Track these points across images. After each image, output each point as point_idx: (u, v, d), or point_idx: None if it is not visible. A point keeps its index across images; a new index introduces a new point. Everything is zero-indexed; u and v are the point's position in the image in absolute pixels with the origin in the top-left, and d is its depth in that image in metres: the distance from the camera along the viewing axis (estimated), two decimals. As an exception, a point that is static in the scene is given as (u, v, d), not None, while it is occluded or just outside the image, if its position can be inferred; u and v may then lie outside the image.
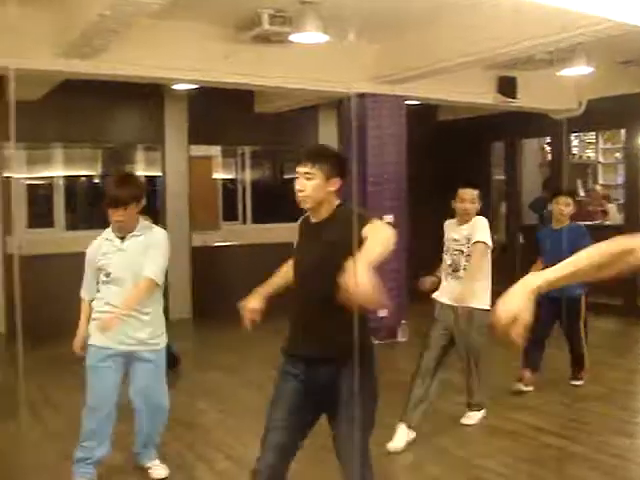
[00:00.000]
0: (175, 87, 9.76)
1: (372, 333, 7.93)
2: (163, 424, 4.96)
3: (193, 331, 10.27)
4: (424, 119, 11.52)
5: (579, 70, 8.66)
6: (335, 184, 3.44)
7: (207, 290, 10.49)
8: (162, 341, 4.80)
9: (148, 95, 9.93)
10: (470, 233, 5.52)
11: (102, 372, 4.60)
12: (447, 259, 5.66)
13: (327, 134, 12.18)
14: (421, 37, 7.98)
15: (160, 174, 11.02)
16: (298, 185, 3.45)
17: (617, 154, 13.08)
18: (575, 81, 9.90)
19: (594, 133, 12.95)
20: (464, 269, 5.48)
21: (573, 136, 12.32)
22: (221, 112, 10.54)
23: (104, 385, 4.62)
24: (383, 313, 8.66)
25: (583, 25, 6.30)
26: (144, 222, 4.72)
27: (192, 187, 11.07)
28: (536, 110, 10.88)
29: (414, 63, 8.23)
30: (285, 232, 8.72)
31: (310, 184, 3.43)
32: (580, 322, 6.82)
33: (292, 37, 7.10)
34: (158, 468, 4.94)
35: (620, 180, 12.69)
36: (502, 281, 5.16)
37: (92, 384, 4.63)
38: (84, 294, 4.89)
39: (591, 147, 13.40)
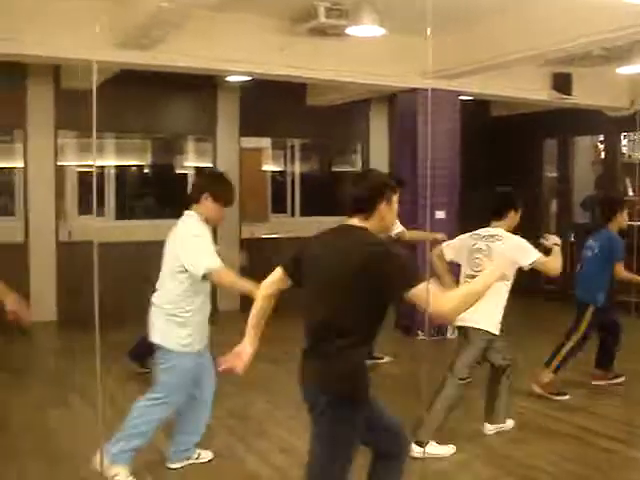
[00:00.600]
0: (228, 79, 9.80)
1: (421, 328, 7.91)
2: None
3: (239, 322, 10.28)
4: (477, 115, 11.42)
5: (636, 68, 8.51)
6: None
7: (254, 282, 10.50)
8: None
9: (201, 86, 10.01)
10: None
11: (194, 372, 4.68)
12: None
13: (378, 128, 12.16)
14: (476, 32, 7.91)
15: (211, 165, 11.07)
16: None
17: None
18: (632, 79, 9.75)
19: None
20: None
21: (622, 135, 12.12)
22: (272, 104, 10.56)
23: (188, 384, 4.69)
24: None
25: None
26: None
27: (242, 179, 11.11)
28: (591, 107, 10.74)
29: (469, 58, 8.17)
30: (333, 225, 8.73)
31: None
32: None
33: (348, 30, 7.08)
34: (204, 453, 5.04)
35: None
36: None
37: (181, 383, 4.64)
38: None
39: (645, 146, 13.15)
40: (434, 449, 5.10)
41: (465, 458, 5.17)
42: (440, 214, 8.94)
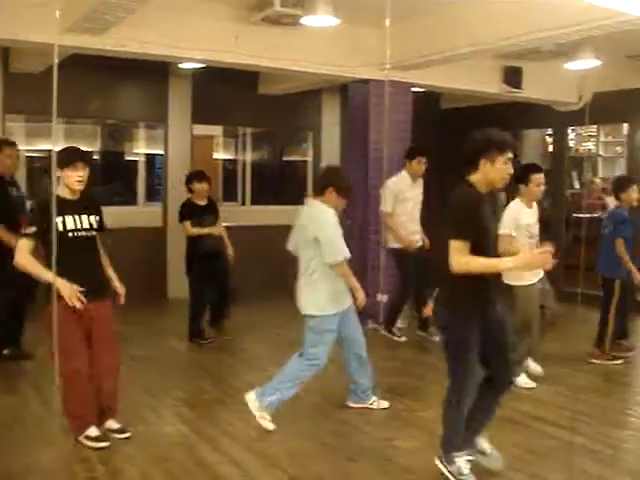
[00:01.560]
0: (181, 66, 9.73)
1: (371, 317, 8.01)
2: None
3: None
4: (427, 107, 11.50)
5: (586, 63, 8.66)
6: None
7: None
8: None
9: (153, 73, 9.93)
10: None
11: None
12: (526, 243, 6.25)
13: (330, 118, 12.18)
14: (430, 25, 7.97)
15: (162, 152, 11.00)
16: (510, 169, 4.32)
17: (618, 148, 13.09)
18: (581, 74, 9.92)
19: (595, 126, 12.95)
20: None
21: (570, 129, 12.34)
22: (225, 92, 10.53)
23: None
24: (382, 298, 8.69)
25: (594, 19, 6.31)
26: None
27: (193, 166, 11.04)
28: (540, 101, 10.90)
29: (422, 50, 8.24)
30: (283, 214, 8.73)
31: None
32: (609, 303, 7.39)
33: (303, 20, 7.09)
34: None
35: (618, 173, 12.71)
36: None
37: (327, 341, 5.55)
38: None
39: (592, 140, 13.39)
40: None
41: (418, 445, 5.24)
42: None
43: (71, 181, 4.88)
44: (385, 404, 5.99)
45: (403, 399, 6.29)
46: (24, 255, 4.79)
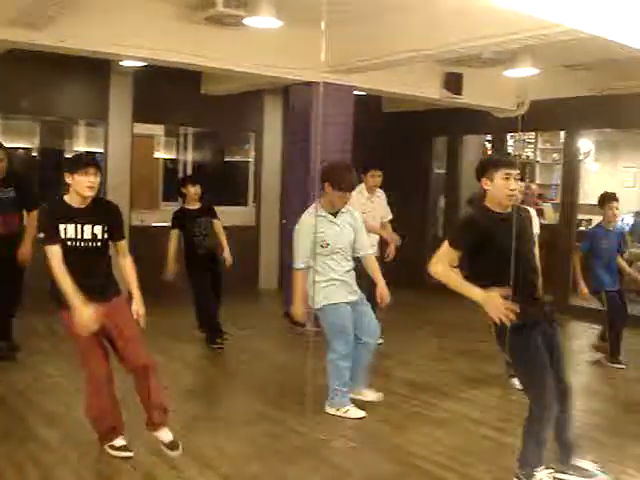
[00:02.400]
0: (122, 63, 9.63)
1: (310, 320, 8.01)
2: None
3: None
4: (369, 110, 11.58)
5: (525, 71, 8.81)
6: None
7: (144, 270, 10.37)
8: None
9: (94, 70, 9.80)
10: None
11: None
12: None
13: (271, 119, 12.19)
14: (373, 29, 8.01)
15: (102, 151, 10.87)
16: (514, 185, 4.39)
17: (555, 155, 13.36)
18: (519, 81, 10.09)
19: (533, 133, 13.19)
20: None
21: (509, 135, 12.54)
22: (166, 91, 10.44)
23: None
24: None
25: (533, 28, 6.42)
26: None
27: (133, 166, 10.96)
28: (480, 108, 11.05)
29: (364, 54, 8.27)
30: (224, 215, 8.71)
31: (517, 185, 4.48)
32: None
33: (245, 21, 7.07)
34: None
35: (554, 180, 13.00)
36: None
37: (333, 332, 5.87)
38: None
39: (530, 147, 13.65)
40: None
41: (353, 446, 5.28)
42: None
43: (82, 187, 4.65)
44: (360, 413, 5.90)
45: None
46: (59, 265, 4.59)
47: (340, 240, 5.84)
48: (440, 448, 5.28)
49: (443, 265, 4.34)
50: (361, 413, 5.82)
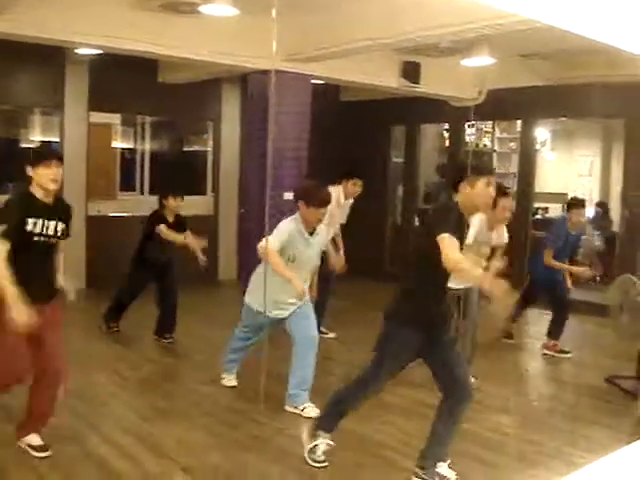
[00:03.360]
0: (77, 51, 9.51)
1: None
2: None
3: (85, 301, 10.09)
4: (327, 99, 11.57)
5: (481, 60, 8.86)
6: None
7: (101, 260, 10.32)
8: None
9: (48, 57, 9.65)
10: None
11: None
12: None
13: (229, 108, 12.13)
14: (330, 17, 8.01)
15: (57, 140, 10.74)
16: (493, 192, 4.46)
17: (512, 144, 13.47)
18: (477, 71, 10.14)
19: (491, 122, 13.29)
20: None
21: (469, 125, 12.61)
22: (123, 79, 10.31)
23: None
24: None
25: (489, 17, 6.46)
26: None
27: (90, 155, 10.84)
28: (437, 97, 11.09)
29: (321, 42, 8.27)
30: (183, 204, 8.65)
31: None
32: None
33: (201, 8, 7.02)
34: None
35: (512, 169, 13.11)
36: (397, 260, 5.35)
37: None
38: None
39: (487, 136, 13.75)
40: None
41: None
42: (288, 195, 9.04)
43: (45, 180, 4.51)
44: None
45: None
46: (3, 260, 4.36)
47: (308, 262, 5.86)
48: (398, 434, 5.33)
49: (463, 259, 4.16)
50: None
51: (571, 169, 14.05)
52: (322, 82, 10.08)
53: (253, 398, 5.93)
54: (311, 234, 5.81)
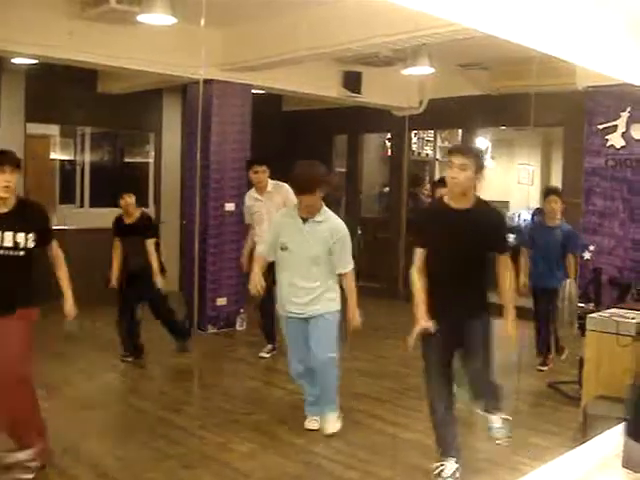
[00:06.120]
0: (13, 61, 9.31)
1: (211, 322, 8.03)
2: None
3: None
4: (269, 109, 11.54)
5: (421, 70, 8.89)
6: (480, 178, 4.29)
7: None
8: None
9: (-19, 67, 9.46)
10: None
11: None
12: None
13: (171, 118, 12.02)
14: (269, 26, 7.98)
15: (-6, 151, 10.50)
16: (453, 173, 4.20)
17: (453, 153, 13.55)
18: (417, 80, 10.22)
19: (432, 131, 13.37)
20: None
21: (413, 133, 12.68)
22: (62, 90, 10.15)
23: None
24: (222, 302, 8.74)
25: (427, 27, 6.48)
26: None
27: (27, 167, 10.62)
28: (379, 106, 11.14)
29: (261, 52, 8.24)
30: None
31: (464, 174, 4.20)
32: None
33: (139, 17, 6.92)
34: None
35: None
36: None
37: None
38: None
39: (429, 145, 13.82)
40: None
41: (253, 447, 5.23)
42: (230, 206, 9.02)
43: None
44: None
45: (235, 401, 6.29)
46: None
47: (306, 252, 5.35)
48: (341, 446, 5.28)
49: (416, 271, 4.47)
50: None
51: (512, 177, 14.19)
52: (263, 92, 10.04)
53: (194, 412, 5.87)
54: (304, 220, 5.38)
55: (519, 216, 12.70)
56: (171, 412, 6.01)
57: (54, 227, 7.45)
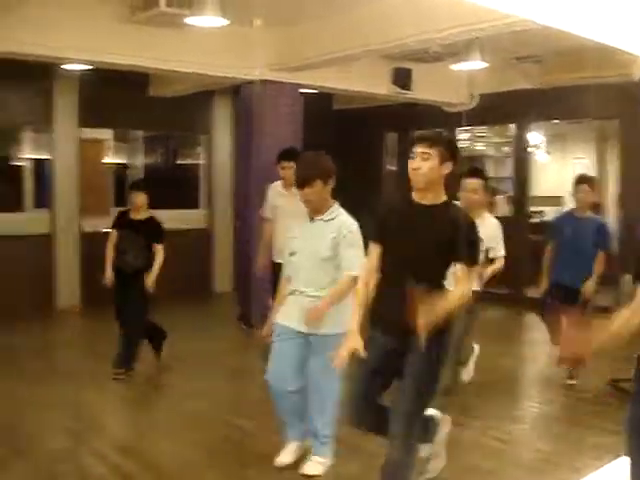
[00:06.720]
0: (66, 67, 9.44)
1: (264, 321, 7.90)
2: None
3: (81, 320, 10.03)
4: (319, 108, 11.52)
5: (473, 65, 8.81)
6: (447, 168, 3.64)
7: (96, 277, 10.22)
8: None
9: (37, 75, 9.58)
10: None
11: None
12: None
13: (222, 120, 12.07)
14: (320, 26, 7.98)
15: (49, 157, 10.67)
16: (415, 164, 3.63)
17: (505, 148, 13.42)
18: (468, 75, 10.11)
19: (484, 127, 13.24)
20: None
21: (462, 130, 12.57)
22: (114, 94, 10.25)
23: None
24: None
25: (481, 20, 6.39)
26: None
27: (82, 171, 10.76)
28: (429, 102, 11.05)
29: (312, 51, 8.24)
30: (177, 218, 8.58)
31: (427, 164, 3.61)
32: None
33: (189, 20, 6.95)
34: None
35: (507, 173, 13.06)
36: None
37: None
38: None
39: (481, 140, 13.70)
40: None
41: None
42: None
43: None
44: None
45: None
46: None
47: (311, 257, 4.55)
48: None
49: (364, 276, 3.88)
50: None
51: (566, 171, 14.00)
52: (314, 91, 10.04)
53: (251, 413, 5.85)
54: (313, 220, 4.60)
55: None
56: (226, 411, 6.03)
57: (109, 230, 7.58)
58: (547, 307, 6.65)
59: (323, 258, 4.48)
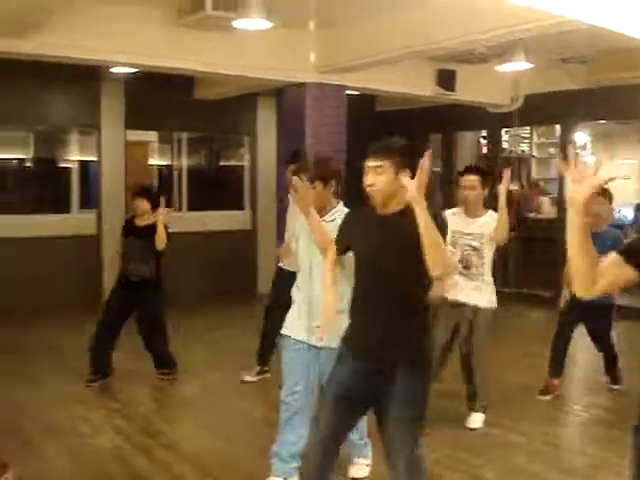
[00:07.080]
0: (112, 70, 9.57)
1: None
2: None
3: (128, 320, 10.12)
4: (362, 109, 11.53)
5: (518, 65, 8.77)
6: (407, 175, 3.27)
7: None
8: None
9: (84, 77, 9.74)
10: (483, 229, 5.46)
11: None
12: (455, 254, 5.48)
13: (266, 122, 12.14)
14: (364, 28, 7.98)
15: (95, 159, 10.82)
16: (368, 180, 3.41)
17: (550, 149, 13.30)
18: (512, 76, 10.05)
19: (528, 128, 13.14)
20: (476, 267, 5.48)
21: (504, 131, 12.51)
22: (159, 97, 10.38)
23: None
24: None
25: (526, 21, 6.36)
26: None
27: (128, 173, 10.89)
28: (473, 104, 11.01)
29: (356, 53, 8.24)
30: (221, 220, 8.65)
31: (381, 178, 3.38)
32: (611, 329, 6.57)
33: (235, 23, 7.00)
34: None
35: (552, 174, 12.95)
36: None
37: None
38: None
39: (525, 141, 13.58)
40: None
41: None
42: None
43: None
44: None
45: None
46: None
47: (311, 256, 4.33)
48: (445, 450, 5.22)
49: (328, 263, 3.80)
50: None
51: (612, 172, 13.82)
52: (357, 93, 10.05)
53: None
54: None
55: (619, 212, 12.36)
56: (274, 412, 6.05)
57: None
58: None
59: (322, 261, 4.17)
